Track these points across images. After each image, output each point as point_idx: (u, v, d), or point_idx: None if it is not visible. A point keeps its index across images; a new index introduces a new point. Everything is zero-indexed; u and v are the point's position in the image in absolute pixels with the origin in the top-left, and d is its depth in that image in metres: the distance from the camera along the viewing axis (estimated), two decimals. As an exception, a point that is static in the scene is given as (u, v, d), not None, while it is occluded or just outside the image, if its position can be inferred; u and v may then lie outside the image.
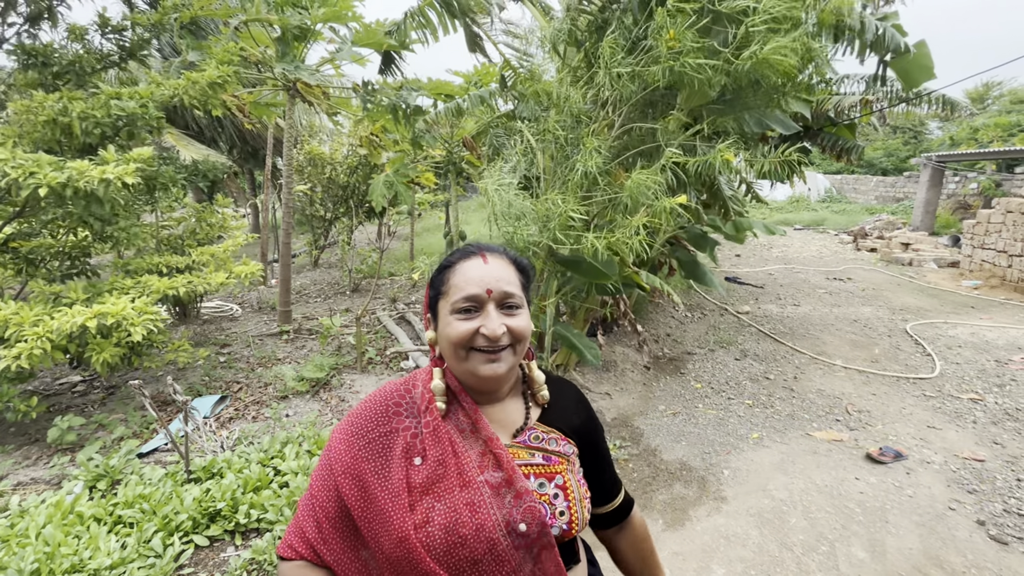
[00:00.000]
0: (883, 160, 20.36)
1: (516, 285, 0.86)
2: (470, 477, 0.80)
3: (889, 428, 3.64)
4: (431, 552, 0.75)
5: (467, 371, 0.84)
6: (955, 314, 6.45)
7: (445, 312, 0.84)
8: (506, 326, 0.82)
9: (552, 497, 0.82)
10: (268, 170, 8.20)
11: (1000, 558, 2.39)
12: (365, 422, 0.87)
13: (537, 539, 0.78)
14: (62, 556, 2.04)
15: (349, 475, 0.82)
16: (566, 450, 0.89)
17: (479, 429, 0.85)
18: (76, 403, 3.84)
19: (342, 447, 0.85)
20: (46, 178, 2.59)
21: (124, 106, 2.95)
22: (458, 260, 0.87)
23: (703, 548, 2.48)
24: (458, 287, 0.83)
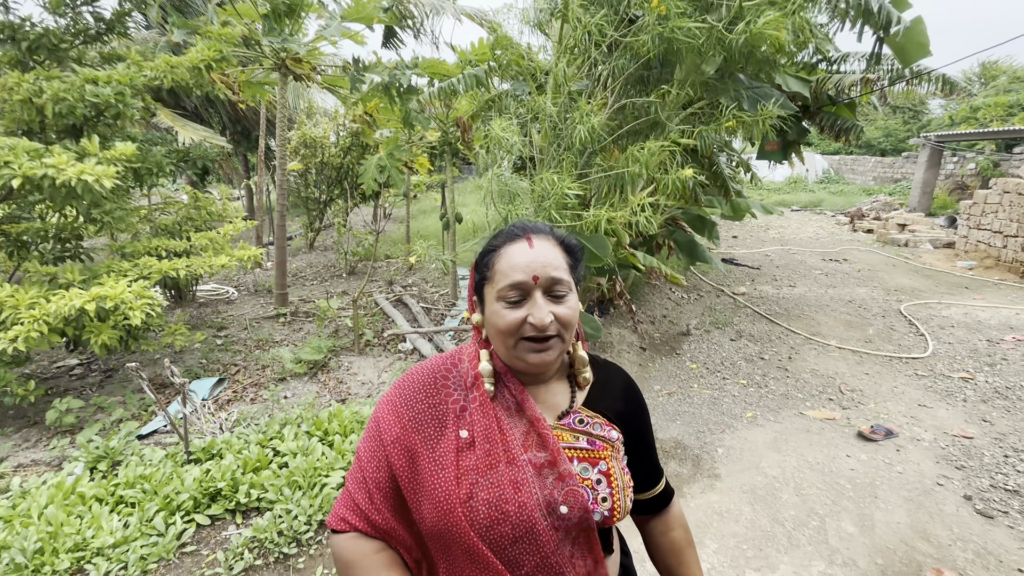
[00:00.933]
0: (882, 141, 20.24)
1: (564, 269, 0.83)
2: (515, 455, 0.79)
3: (881, 407, 3.69)
4: (474, 526, 0.75)
5: (515, 358, 0.83)
6: (949, 295, 6.50)
7: (491, 299, 0.83)
8: (554, 315, 0.80)
9: (595, 483, 0.81)
10: (261, 151, 8.10)
11: (985, 531, 2.45)
12: (414, 392, 0.87)
13: (578, 523, 0.78)
14: (65, 535, 2.07)
15: (399, 445, 0.82)
16: (611, 435, 0.87)
17: (524, 409, 0.84)
18: (74, 386, 3.84)
19: (391, 417, 0.85)
20: (21, 168, 2.53)
21: (99, 92, 2.86)
22: (503, 244, 0.85)
23: (696, 524, 2.53)
24: (504, 273, 0.81)
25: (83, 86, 2.81)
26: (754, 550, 2.35)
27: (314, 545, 2.24)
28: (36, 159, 2.58)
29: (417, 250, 2.93)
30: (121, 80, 2.98)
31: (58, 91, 2.74)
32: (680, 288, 6.59)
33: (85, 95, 2.78)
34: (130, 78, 3.03)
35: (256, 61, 5.50)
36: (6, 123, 2.93)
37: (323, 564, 2.17)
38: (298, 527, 2.24)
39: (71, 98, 2.75)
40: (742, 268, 7.82)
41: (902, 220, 10.63)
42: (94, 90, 2.83)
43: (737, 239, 10.44)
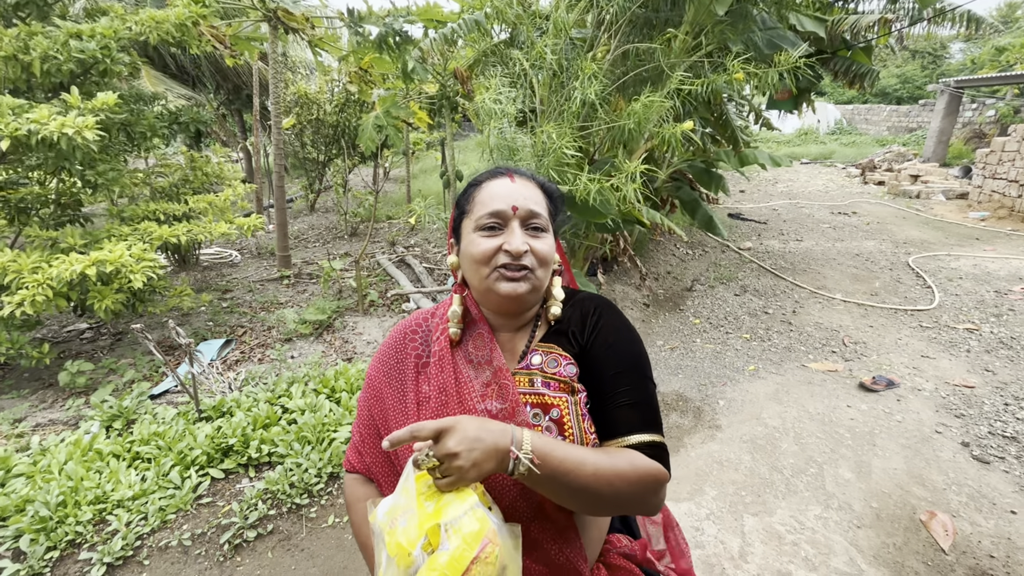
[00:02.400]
0: (898, 88, 19.45)
1: (543, 207, 0.84)
2: (471, 405, 0.81)
3: (884, 358, 3.70)
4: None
5: (488, 290, 0.81)
6: (959, 246, 6.40)
7: (468, 230, 0.83)
8: (530, 247, 0.80)
9: (544, 430, 0.79)
10: (256, 111, 7.90)
11: (980, 476, 2.50)
12: (388, 348, 0.93)
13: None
14: (86, 489, 2.15)
15: (375, 396, 0.90)
16: (563, 372, 0.82)
17: (493, 358, 0.84)
18: (85, 349, 3.91)
19: (372, 372, 0.93)
20: (8, 128, 2.47)
21: (84, 47, 2.75)
22: (485, 179, 0.86)
23: (696, 472, 2.60)
24: (483, 203, 0.82)
25: (67, 41, 2.71)
26: (752, 496, 2.42)
27: (325, 496, 2.32)
28: (20, 115, 2.52)
29: (416, 210, 2.87)
30: (105, 34, 2.87)
31: (47, 48, 2.64)
32: (685, 244, 6.53)
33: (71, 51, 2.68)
34: (114, 31, 2.91)
35: (243, 14, 5.28)
36: (-10, 82, 2.85)
37: (334, 513, 2.25)
38: (309, 479, 2.32)
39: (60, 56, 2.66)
40: (748, 223, 7.70)
41: (915, 171, 10.35)
42: (79, 45, 2.73)
43: (744, 193, 10.24)
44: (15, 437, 2.70)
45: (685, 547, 1.10)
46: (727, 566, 2.05)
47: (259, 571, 2.01)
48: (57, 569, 1.95)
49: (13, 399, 3.17)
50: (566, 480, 0.70)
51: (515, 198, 0.81)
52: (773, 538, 2.18)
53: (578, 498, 0.73)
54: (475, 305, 0.88)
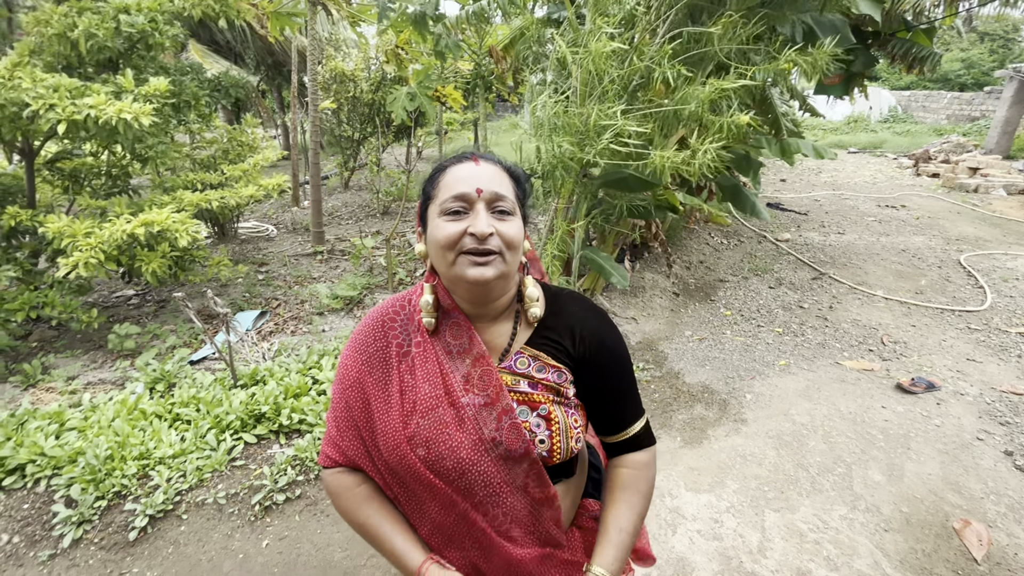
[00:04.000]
0: (961, 74, 18.18)
1: (509, 190, 0.82)
2: (455, 397, 0.82)
3: (925, 360, 3.54)
4: (422, 461, 0.81)
5: (456, 277, 0.79)
6: (1018, 244, 6.01)
7: (434, 215, 0.81)
8: (496, 229, 0.78)
9: (534, 426, 0.82)
10: (295, 87, 8.01)
11: (1023, 487, 2.38)
12: (365, 337, 0.90)
13: (522, 456, 0.81)
14: (131, 445, 2.29)
15: (355, 387, 0.88)
16: (553, 378, 0.85)
17: (472, 346, 0.84)
18: (131, 314, 4.12)
19: (348, 361, 0.90)
20: (65, 112, 2.59)
21: (133, 22, 2.84)
22: (450, 164, 0.84)
23: (719, 465, 2.57)
24: (448, 187, 0.81)
25: (116, 16, 2.80)
26: (775, 492, 2.38)
27: (351, 465, 2.40)
28: (78, 97, 2.64)
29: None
30: (151, 7, 2.95)
31: (89, 25, 2.74)
32: (720, 233, 6.35)
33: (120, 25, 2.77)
34: (159, 4, 3.00)
35: (284, -11, 5.32)
36: (45, 58, 2.98)
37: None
38: (336, 449, 2.40)
39: (101, 33, 2.75)
40: (788, 213, 7.42)
41: (974, 163, 9.72)
42: (128, 19, 2.82)
43: (785, 183, 9.85)
44: (68, 393, 2.89)
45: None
46: (744, 559, 2.03)
47: (286, 532, 2.11)
48: (105, 517, 2.09)
49: (66, 358, 3.38)
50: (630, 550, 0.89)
51: (480, 180, 0.80)
52: (794, 535, 2.14)
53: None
54: (447, 294, 0.85)
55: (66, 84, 2.64)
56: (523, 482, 0.83)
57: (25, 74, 2.57)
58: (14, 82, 2.52)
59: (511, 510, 0.83)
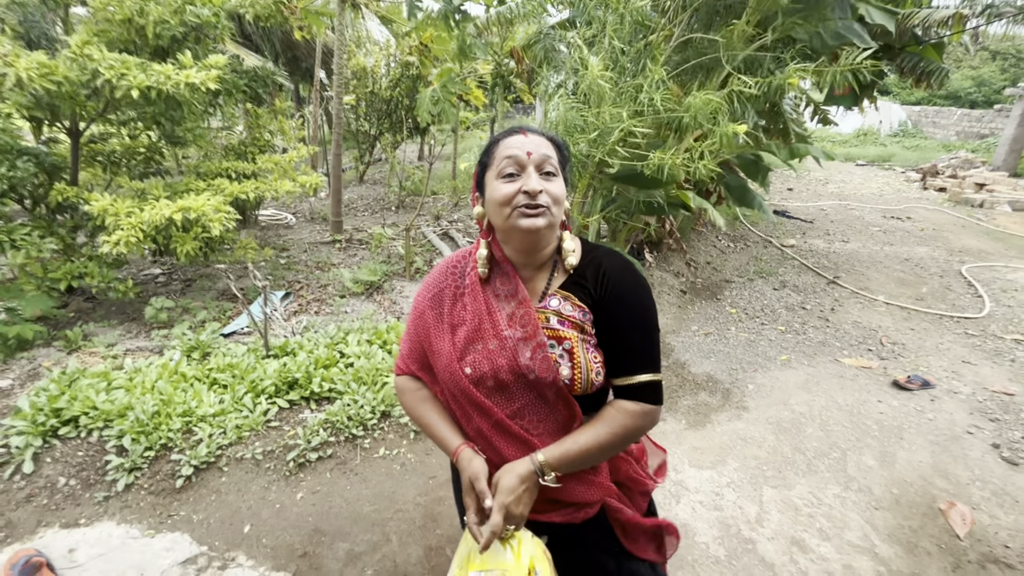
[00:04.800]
0: (972, 91, 18.28)
1: (553, 154, 0.99)
2: (499, 330, 1.00)
3: (922, 360, 3.69)
4: (468, 379, 1.01)
5: (511, 228, 0.96)
6: (1020, 258, 6.14)
7: (492, 179, 0.98)
8: (544, 188, 0.94)
9: (559, 357, 0.98)
10: (317, 82, 8.22)
11: (1007, 476, 2.53)
12: (432, 278, 1.13)
13: (551, 383, 0.98)
14: (175, 403, 2.46)
15: (420, 316, 1.12)
16: (577, 316, 0.99)
17: (517, 291, 1.02)
18: (160, 291, 4.31)
19: (419, 298, 1.14)
20: (135, 80, 2.79)
21: (199, 13, 3.05)
22: (503, 137, 1.01)
23: (721, 446, 2.72)
24: (502, 155, 0.97)
25: (183, 6, 3.01)
26: (773, 471, 2.54)
27: (377, 430, 2.57)
28: (144, 71, 2.83)
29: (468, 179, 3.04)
30: (216, 3, 3.16)
31: (162, 14, 2.95)
32: (727, 237, 6.50)
33: (185, 16, 2.98)
34: (222, 2, 3.21)
35: (315, -13, 5.52)
36: (104, 40, 3.17)
37: (385, 446, 2.51)
38: (364, 414, 2.57)
39: (173, 21, 2.96)
40: (794, 221, 7.57)
41: (981, 179, 9.84)
42: (195, 10, 3.03)
43: (792, 191, 9.99)
44: (111, 358, 3.07)
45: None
46: (743, 527, 2.19)
47: (319, 487, 2.28)
48: (153, 466, 2.27)
49: (104, 327, 3.56)
50: (582, 463, 0.99)
51: (529, 146, 0.96)
52: (790, 509, 2.30)
53: (594, 463, 1.02)
54: (499, 248, 1.03)
55: (132, 60, 2.84)
56: (553, 401, 1.01)
57: (94, 50, 2.77)
58: (83, 59, 2.72)
59: (544, 419, 1.01)
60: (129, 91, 2.79)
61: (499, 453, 1.02)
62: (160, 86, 2.84)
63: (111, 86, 2.81)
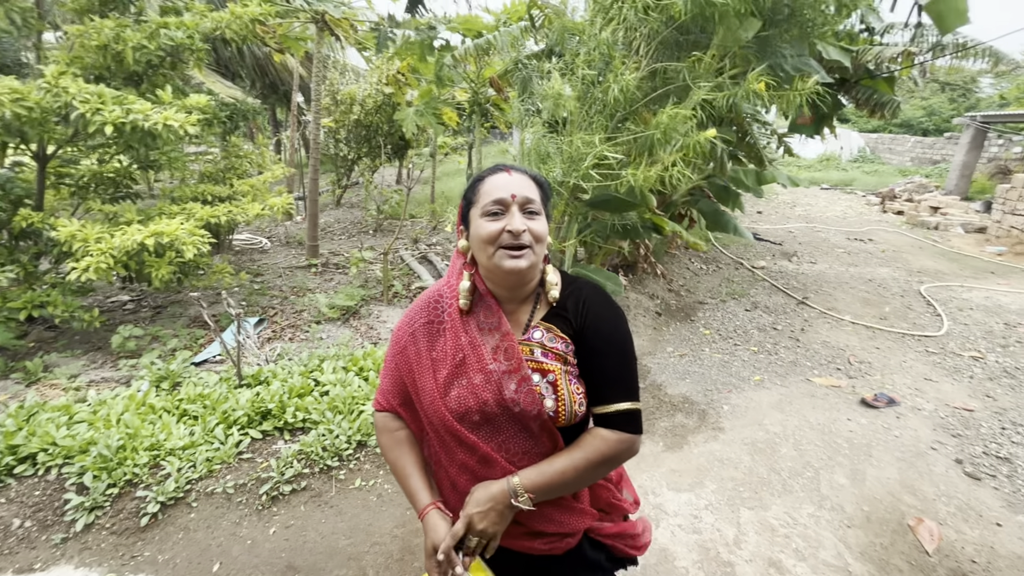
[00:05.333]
0: (923, 120, 19.40)
1: (536, 194, 1.02)
2: (482, 365, 1.01)
3: (887, 378, 3.82)
4: (452, 414, 1.01)
5: (494, 267, 0.97)
6: (973, 278, 6.45)
7: (476, 216, 1.01)
8: (528, 227, 0.97)
9: (543, 389, 1.00)
10: (294, 107, 8.23)
11: (970, 490, 2.62)
12: (412, 313, 1.13)
13: (535, 416, 0.99)
14: (142, 436, 2.38)
15: (400, 351, 1.11)
16: (560, 347, 1.01)
17: (500, 325, 1.03)
18: (128, 319, 4.18)
19: (399, 332, 1.13)
20: (110, 116, 2.75)
21: (173, 36, 3.05)
22: (488, 175, 1.03)
23: (698, 467, 2.75)
24: (487, 193, 0.99)
25: (158, 30, 3.00)
26: (750, 492, 2.57)
27: (353, 460, 2.52)
28: (119, 105, 2.80)
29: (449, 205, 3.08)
30: (189, 25, 3.17)
31: (140, 39, 2.94)
32: (699, 260, 6.67)
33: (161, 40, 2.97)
34: (196, 24, 3.21)
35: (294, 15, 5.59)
36: (78, 67, 3.13)
37: (361, 477, 2.46)
38: (339, 444, 2.52)
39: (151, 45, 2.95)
40: (764, 243, 7.82)
41: (935, 203, 10.37)
42: (169, 33, 3.02)
43: (762, 214, 10.34)
44: (72, 390, 2.95)
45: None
46: (721, 550, 2.20)
47: (292, 521, 2.22)
48: (116, 504, 2.17)
49: (67, 358, 3.43)
50: (558, 489, 0.99)
51: (513, 188, 0.98)
52: (767, 530, 2.33)
53: (571, 490, 1.03)
54: (482, 281, 1.05)
55: (109, 94, 2.81)
56: (537, 433, 1.01)
57: (69, 82, 2.73)
58: (58, 89, 2.68)
59: (528, 451, 1.02)
60: (103, 126, 2.75)
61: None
62: (136, 123, 2.81)
63: (84, 120, 2.77)
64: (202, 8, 3.39)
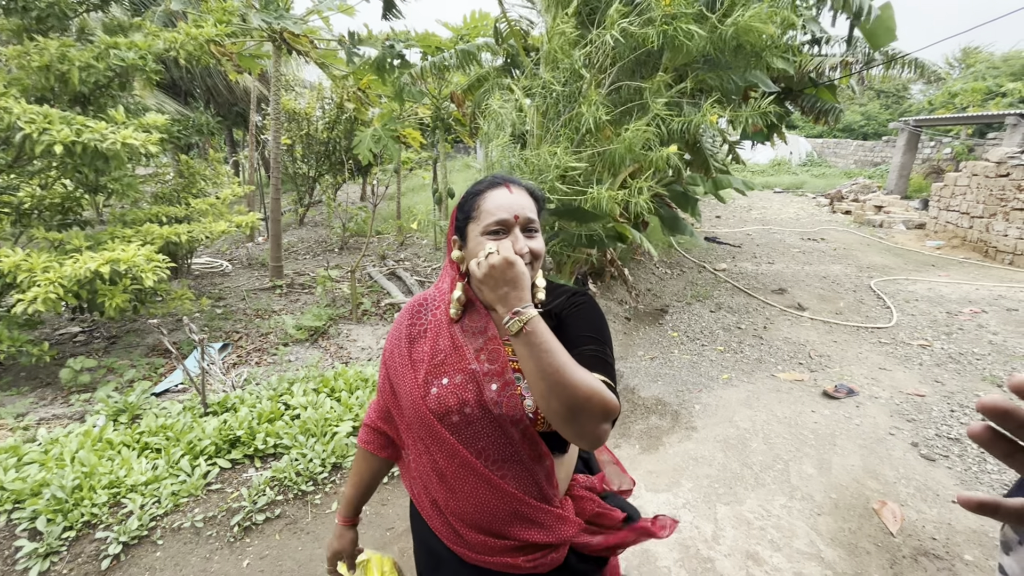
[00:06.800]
0: (863, 124, 20.62)
1: (535, 213, 1.04)
2: (464, 365, 1.00)
3: (846, 370, 4.00)
4: (433, 414, 1.00)
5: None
6: (916, 272, 6.86)
7: (475, 233, 1.01)
8: (529, 248, 0.98)
9: (523, 390, 0.99)
10: (252, 126, 8.07)
11: (927, 471, 2.76)
12: (398, 321, 1.14)
13: (517, 420, 0.98)
14: (100, 475, 2.25)
15: (388, 357, 1.12)
16: None
17: (487, 329, 1.03)
18: (79, 352, 3.96)
19: (388, 339, 1.14)
20: (59, 135, 2.63)
21: (124, 56, 2.95)
22: (486, 189, 1.03)
23: (674, 467, 2.81)
24: (489, 212, 0.99)
25: (107, 50, 2.89)
26: (725, 488, 2.64)
27: (329, 484, 2.46)
28: (66, 125, 2.68)
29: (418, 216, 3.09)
30: (141, 46, 3.06)
31: (87, 58, 2.82)
32: (664, 264, 6.85)
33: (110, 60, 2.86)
34: (148, 45, 3.11)
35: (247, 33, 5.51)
36: (17, 90, 2.98)
37: (337, 500, 2.39)
38: (314, 468, 2.46)
39: (100, 65, 2.84)
40: (724, 246, 8.10)
41: (879, 202, 11.01)
42: (119, 54, 2.92)
43: (720, 219, 10.72)
44: (20, 430, 2.77)
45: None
46: (701, 547, 2.25)
47: (267, 552, 2.14)
48: (74, 548, 2.04)
49: (12, 396, 3.22)
50: (540, 356, 0.85)
51: (515, 208, 0.99)
52: (743, 524, 2.39)
53: (545, 381, 0.85)
54: (473, 293, 1.06)
55: (55, 114, 2.68)
56: (518, 440, 1.00)
57: (12, 102, 2.60)
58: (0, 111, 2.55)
59: (508, 459, 1.00)
60: (51, 146, 2.63)
61: (460, 499, 1.01)
62: (90, 144, 2.69)
63: (31, 141, 2.63)
64: (154, 28, 3.30)
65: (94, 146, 2.71)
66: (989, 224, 7.78)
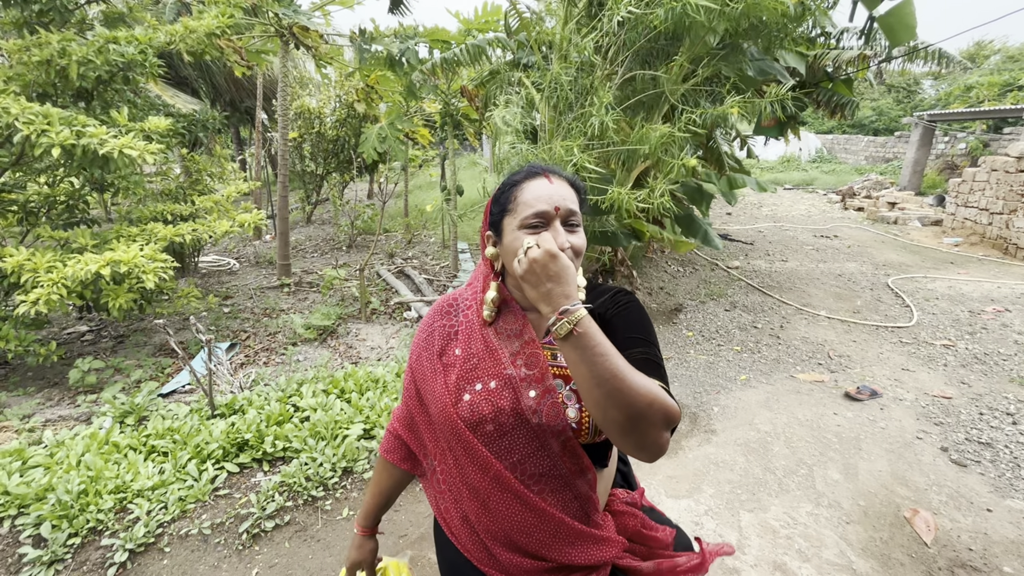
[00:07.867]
0: (874, 120, 20.33)
1: (577, 204, 0.93)
2: (499, 370, 0.91)
3: (867, 371, 3.89)
4: (465, 423, 0.91)
5: None
6: (935, 269, 6.71)
7: (512, 227, 0.90)
8: (570, 243, 0.88)
9: (565, 398, 0.90)
10: (259, 123, 8.02)
11: (958, 478, 2.66)
12: (426, 321, 1.06)
13: (559, 431, 0.89)
14: (105, 479, 2.19)
15: (416, 359, 1.04)
16: None
17: (524, 332, 0.94)
18: (87, 351, 3.93)
19: (414, 341, 1.06)
20: (58, 137, 2.57)
21: (123, 51, 2.89)
22: (524, 179, 0.93)
23: (695, 472, 2.72)
24: (527, 204, 0.89)
25: (107, 45, 2.82)
26: (747, 494, 2.54)
27: (339, 489, 2.39)
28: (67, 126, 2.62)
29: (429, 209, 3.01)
30: (141, 40, 3.00)
31: (86, 53, 2.76)
32: (676, 262, 6.74)
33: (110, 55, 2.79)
34: (149, 39, 3.05)
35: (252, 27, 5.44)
36: (18, 85, 2.93)
37: (348, 506, 2.32)
38: (324, 473, 2.39)
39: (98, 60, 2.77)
40: (736, 243, 7.97)
41: (892, 199, 10.81)
42: (118, 48, 2.85)
43: (731, 216, 10.58)
44: (26, 432, 2.73)
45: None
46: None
47: (277, 560, 2.07)
48: (79, 555, 1.98)
49: (19, 396, 3.18)
50: (594, 361, 0.75)
51: (555, 199, 0.88)
52: (768, 532, 2.30)
53: (601, 388, 0.74)
54: (508, 292, 0.97)
55: (56, 114, 2.62)
56: (558, 453, 0.90)
57: (11, 101, 2.53)
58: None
59: (545, 473, 0.90)
60: (50, 148, 2.56)
61: (494, 516, 0.92)
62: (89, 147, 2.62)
63: (30, 143, 2.57)
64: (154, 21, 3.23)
65: (93, 149, 2.64)
66: (1009, 220, 7.60)
